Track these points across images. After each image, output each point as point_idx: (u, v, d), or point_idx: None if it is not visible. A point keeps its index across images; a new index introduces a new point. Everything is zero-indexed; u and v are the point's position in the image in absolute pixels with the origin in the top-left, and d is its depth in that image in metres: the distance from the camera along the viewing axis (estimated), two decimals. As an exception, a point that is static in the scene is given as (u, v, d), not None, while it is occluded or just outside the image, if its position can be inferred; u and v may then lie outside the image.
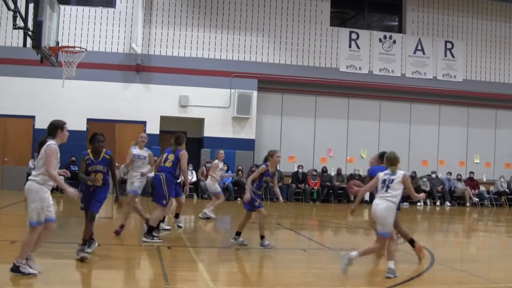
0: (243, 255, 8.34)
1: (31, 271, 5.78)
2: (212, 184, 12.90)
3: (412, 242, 7.93)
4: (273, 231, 11.31)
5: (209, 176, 13.04)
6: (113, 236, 8.96)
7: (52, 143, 5.88)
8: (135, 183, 9.53)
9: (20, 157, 18.81)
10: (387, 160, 6.89)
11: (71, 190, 6.00)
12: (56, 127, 6.01)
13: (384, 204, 6.54)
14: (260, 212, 8.53)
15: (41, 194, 5.79)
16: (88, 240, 7.09)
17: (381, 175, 6.76)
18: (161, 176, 8.91)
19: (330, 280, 6.98)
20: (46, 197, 5.84)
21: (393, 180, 6.61)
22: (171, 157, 9.12)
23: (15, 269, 5.74)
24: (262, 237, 8.53)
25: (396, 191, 6.59)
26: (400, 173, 6.68)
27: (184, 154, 9.17)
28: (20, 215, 13.11)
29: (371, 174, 8.67)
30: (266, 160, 8.71)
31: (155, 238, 8.74)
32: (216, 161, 13.04)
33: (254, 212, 8.63)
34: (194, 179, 19.14)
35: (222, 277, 6.82)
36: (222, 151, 13.23)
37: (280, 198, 9.17)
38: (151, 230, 8.78)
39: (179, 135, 9.45)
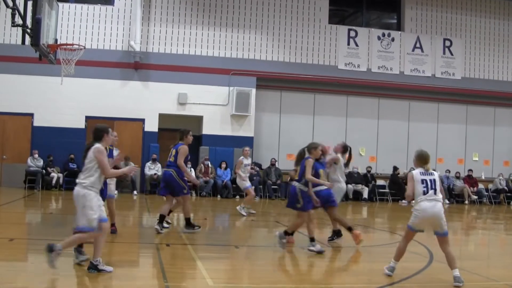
0: (242, 253, 8.36)
1: (106, 268, 6.05)
2: (240, 181, 13.08)
3: (339, 233, 9.28)
4: (272, 229, 11.31)
5: (237, 174, 13.18)
6: (111, 234, 8.94)
7: (98, 146, 6.06)
8: (111, 185, 8.87)
9: (19, 154, 18.77)
10: (420, 158, 6.58)
11: (127, 168, 6.50)
12: (102, 131, 6.23)
13: (439, 206, 6.51)
14: (301, 216, 8.30)
15: (88, 198, 5.89)
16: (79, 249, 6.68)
17: (417, 175, 6.46)
18: (172, 172, 9.29)
19: (329, 278, 7.00)
20: (94, 201, 5.92)
21: (434, 180, 6.50)
22: (174, 151, 9.45)
23: (93, 267, 5.98)
24: (286, 233, 8.44)
25: (440, 192, 6.56)
26: (436, 173, 6.60)
27: (181, 148, 9.34)
28: (19, 212, 13.13)
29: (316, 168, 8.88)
30: (301, 155, 8.65)
31: (195, 228, 9.50)
32: (241, 158, 13.11)
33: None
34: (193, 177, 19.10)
35: (220, 274, 6.82)
36: (247, 148, 13.33)
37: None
38: (189, 221, 9.45)
39: (181, 130, 9.67)
